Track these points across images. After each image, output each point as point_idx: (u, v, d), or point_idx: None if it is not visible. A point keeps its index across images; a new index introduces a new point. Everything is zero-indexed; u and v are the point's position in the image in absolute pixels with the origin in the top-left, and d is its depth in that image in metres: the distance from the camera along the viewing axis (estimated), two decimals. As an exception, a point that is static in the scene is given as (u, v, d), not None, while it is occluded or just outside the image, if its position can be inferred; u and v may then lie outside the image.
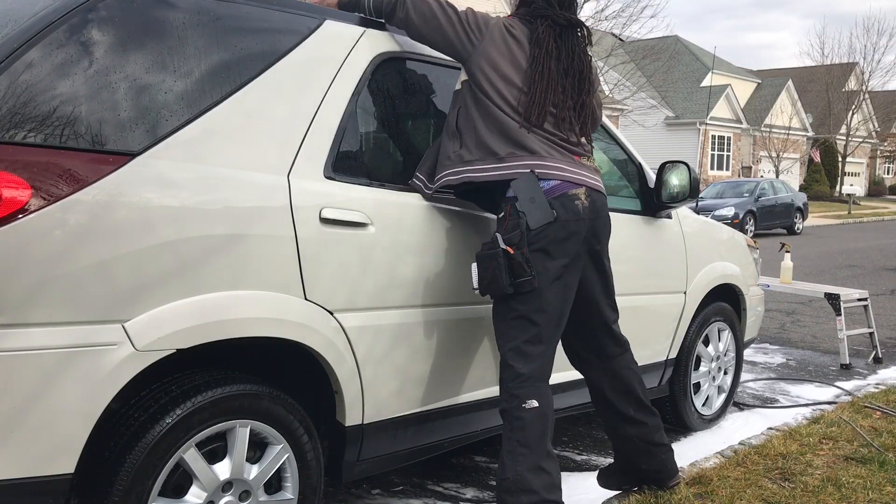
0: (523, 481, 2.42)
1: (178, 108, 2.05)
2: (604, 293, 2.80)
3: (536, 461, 2.44)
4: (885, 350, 6.22)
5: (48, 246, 1.76)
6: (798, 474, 3.18)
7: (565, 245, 2.56)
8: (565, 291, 2.60)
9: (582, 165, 2.64)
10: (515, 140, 2.55)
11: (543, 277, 2.52)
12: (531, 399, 2.48)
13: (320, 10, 2.50)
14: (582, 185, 2.59)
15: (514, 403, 2.49)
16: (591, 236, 2.64)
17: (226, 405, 2.06)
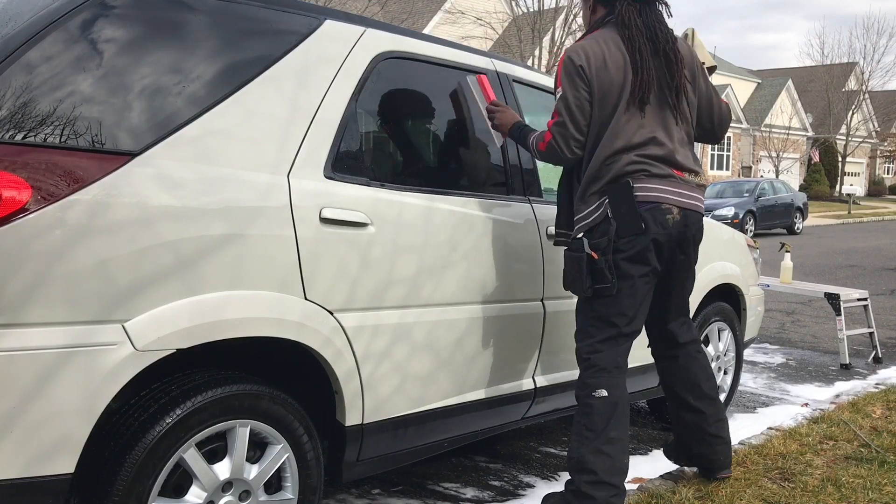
0: (585, 462, 2.60)
1: (178, 107, 2.04)
2: (679, 295, 2.95)
3: (598, 446, 2.60)
4: (885, 350, 6.22)
5: (48, 246, 1.75)
6: (798, 474, 3.18)
7: (650, 255, 2.67)
8: (644, 297, 2.73)
9: (682, 183, 2.73)
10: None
11: (624, 284, 2.65)
12: (601, 389, 2.66)
13: (320, 9, 2.50)
14: (675, 205, 2.69)
15: (585, 391, 2.69)
16: (677, 248, 2.75)
17: (226, 405, 2.06)
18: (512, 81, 3.10)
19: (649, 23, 2.73)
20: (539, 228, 2.96)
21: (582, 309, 2.76)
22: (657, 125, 2.70)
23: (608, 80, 2.66)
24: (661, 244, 2.67)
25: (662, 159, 2.69)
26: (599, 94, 2.66)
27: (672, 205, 2.67)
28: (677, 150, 2.73)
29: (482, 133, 2.94)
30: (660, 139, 2.69)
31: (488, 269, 2.75)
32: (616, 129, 2.66)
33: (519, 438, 3.83)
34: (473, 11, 20.10)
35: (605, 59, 2.66)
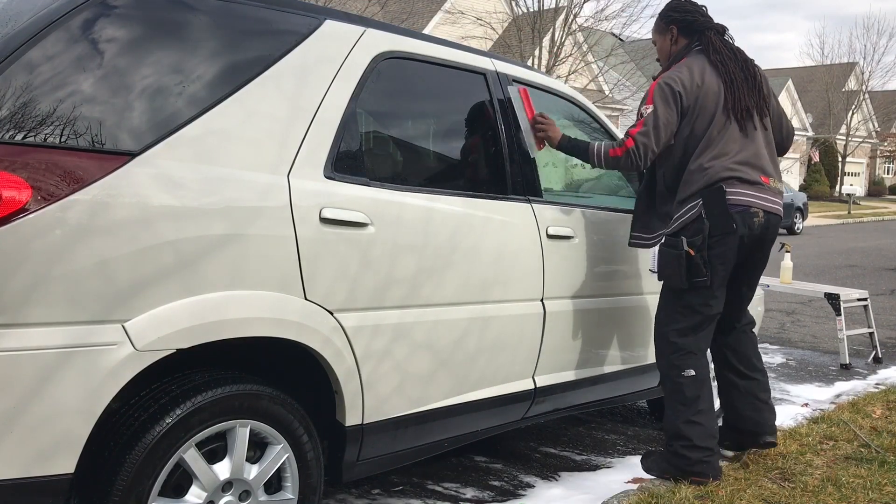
0: (680, 431, 3.07)
1: (178, 107, 2.04)
2: (749, 287, 3.30)
3: (690, 416, 3.05)
4: (885, 350, 6.22)
5: (48, 246, 1.75)
6: (798, 474, 3.18)
7: (738, 252, 3.04)
8: (726, 287, 3.11)
9: (767, 189, 3.09)
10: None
11: (714, 278, 3.02)
12: (689, 369, 3.08)
13: (320, 9, 2.50)
14: (761, 209, 3.05)
15: (674, 371, 3.11)
16: (757, 246, 3.12)
17: (226, 405, 2.06)
18: (512, 81, 3.10)
19: (732, 47, 3.18)
20: (539, 228, 2.96)
21: (670, 298, 3.13)
22: (746, 138, 3.09)
23: (703, 101, 3.06)
24: (745, 242, 3.05)
25: (751, 167, 3.06)
26: (693, 115, 3.07)
27: (759, 208, 3.04)
28: (763, 159, 3.11)
29: (482, 133, 2.94)
30: (749, 150, 3.07)
31: (488, 269, 2.75)
32: (709, 141, 3.05)
33: (519, 438, 3.83)
34: (473, 11, 20.08)
35: (700, 84, 3.07)
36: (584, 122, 3.61)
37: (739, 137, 3.07)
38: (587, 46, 19.82)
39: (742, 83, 3.09)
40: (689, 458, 3.03)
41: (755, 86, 3.13)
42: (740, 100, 3.07)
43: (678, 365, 3.09)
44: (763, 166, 3.09)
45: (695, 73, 3.08)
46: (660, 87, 3.07)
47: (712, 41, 3.14)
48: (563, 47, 17.91)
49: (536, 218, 2.97)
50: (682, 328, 3.09)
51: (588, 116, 3.55)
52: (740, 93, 3.08)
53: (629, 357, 3.50)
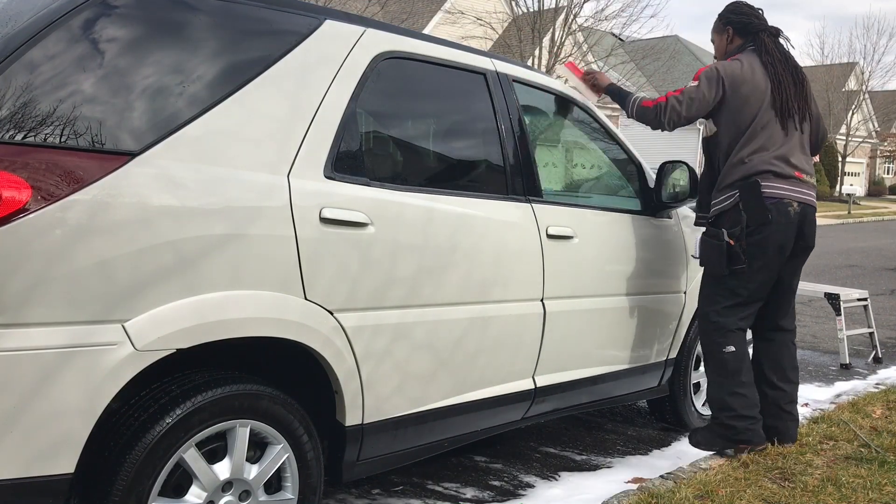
0: (724, 402, 3.35)
1: (178, 107, 2.04)
2: (791, 273, 3.46)
3: (732, 388, 3.34)
4: (885, 350, 6.22)
5: (48, 246, 1.75)
6: (798, 474, 3.18)
7: (775, 240, 3.25)
8: (768, 274, 3.33)
9: (801, 182, 3.31)
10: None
11: (753, 263, 3.26)
12: (729, 345, 3.34)
13: (320, 9, 2.50)
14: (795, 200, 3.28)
15: (716, 348, 3.37)
16: (798, 236, 3.32)
17: (226, 405, 2.06)
18: (512, 81, 3.10)
19: (783, 51, 3.42)
20: (539, 228, 2.96)
21: (711, 282, 3.39)
22: (787, 136, 3.32)
23: (748, 95, 3.29)
24: (784, 232, 3.26)
25: (787, 163, 3.29)
26: (737, 106, 3.30)
27: (793, 200, 3.27)
28: (799, 157, 3.34)
29: (482, 133, 2.94)
30: (787, 147, 3.31)
31: (488, 269, 2.75)
32: (752, 135, 3.29)
33: (519, 438, 3.83)
34: (473, 11, 20.09)
35: (747, 79, 3.31)
36: (583, 122, 3.62)
37: (780, 135, 3.30)
38: (587, 46, 19.83)
39: (789, 85, 3.33)
40: (736, 428, 3.32)
41: (801, 89, 3.37)
42: (786, 100, 3.30)
43: (720, 342, 3.34)
44: (798, 163, 3.32)
45: (745, 67, 3.32)
46: (711, 69, 3.35)
47: (765, 43, 3.38)
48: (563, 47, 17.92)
49: (536, 218, 2.97)
50: (722, 308, 3.34)
51: (588, 116, 3.55)
52: (787, 94, 3.31)
53: (629, 357, 3.50)
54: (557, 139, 4.22)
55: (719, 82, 3.31)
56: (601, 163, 3.85)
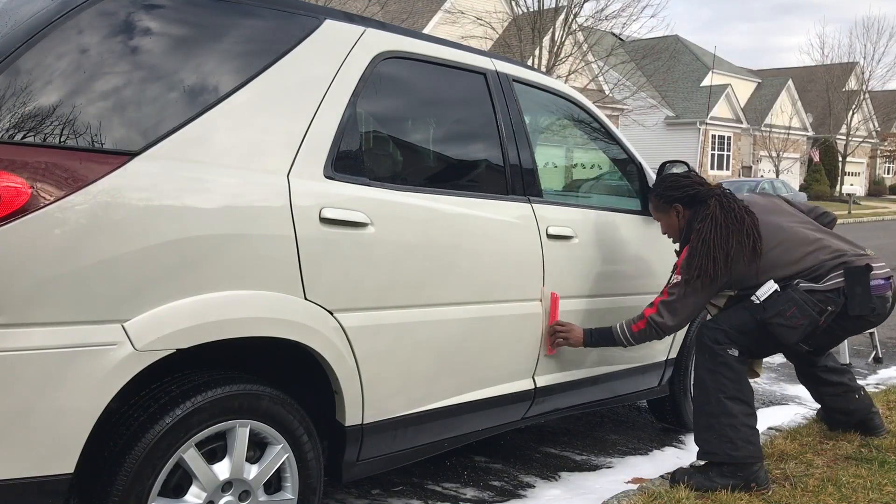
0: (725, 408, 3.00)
1: (178, 107, 2.04)
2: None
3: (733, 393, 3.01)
4: (885, 350, 6.22)
5: (48, 246, 1.75)
6: (798, 474, 3.17)
7: (853, 331, 3.18)
8: None
9: (881, 260, 3.19)
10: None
11: (809, 341, 3.05)
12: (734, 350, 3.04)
13: (320, 9, 2.50)
14: (892, 286, 3.09)
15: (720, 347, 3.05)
16: (879, 322, 3.18)
17: (225, 405, 2.06)
18: (512, 81, 3.10)
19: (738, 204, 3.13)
20: (539, 228, 2.96)
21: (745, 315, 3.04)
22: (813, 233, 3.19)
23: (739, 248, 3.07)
24: (870, 325, 3.23)
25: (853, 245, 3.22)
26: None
27: (888, 289, 3.08)
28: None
29: (482, 133, 2.94)
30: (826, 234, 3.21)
31: (488, 269, 2.75)
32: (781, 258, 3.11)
33: (519, 438, 3.83)
34: (473, 11, 20.08)
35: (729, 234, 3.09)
36: (584, 122, 3.61)
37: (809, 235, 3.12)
38: (587, 46, 19.81)
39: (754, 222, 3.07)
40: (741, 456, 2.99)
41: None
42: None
43: (724, 343, 3.03)
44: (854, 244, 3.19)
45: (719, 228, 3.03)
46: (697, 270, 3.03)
47: (722, 204, 3.07)
48: (563, 47, 17.90)
49: (536, 218, 2.96)
50: (743, 346, 3.05)
51: (588, 116, 3.55)
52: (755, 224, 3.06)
53: (629, 357, 3.50)
54: (557, 139, 4.22)
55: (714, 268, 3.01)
56: (601, 162, 3.85)
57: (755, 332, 3.03)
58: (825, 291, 2.96)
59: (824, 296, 2.95)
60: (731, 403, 2.99)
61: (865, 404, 3.64)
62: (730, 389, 3.00)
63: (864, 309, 2.98)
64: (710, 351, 3.05)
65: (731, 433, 2.97)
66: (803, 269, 3.03)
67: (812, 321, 2.92)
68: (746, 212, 3.08)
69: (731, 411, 2.98)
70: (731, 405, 2.99)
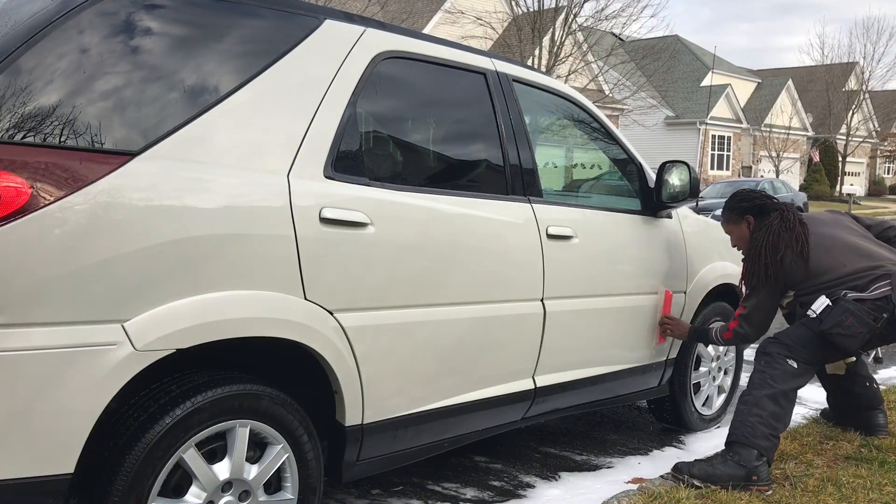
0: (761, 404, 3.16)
1: (178, 107, 2.04)
2: None
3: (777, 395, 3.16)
4: (886, 350, 6.22)
5: (48, 246, 1.75)
6: (798, 474, 3.18)
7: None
8: None
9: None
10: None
11: (867, 346, 3.31)
12: (794, 362, 3.22)
13: (320, 9, 2.50)
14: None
15: (780, 358, 3.22)
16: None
17: (225, 405, 2.06)
18: (512, 81, 3.10)
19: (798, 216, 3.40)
20: (539, 228, 2.96)
21: (811, 337, 3.22)
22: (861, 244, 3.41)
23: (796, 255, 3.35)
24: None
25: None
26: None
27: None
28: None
29: (482, 133, 2.94)
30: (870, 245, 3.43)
31: (488, 269, 2.75)
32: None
33: (519, 438, 3.83)
34: (473, 11, 20.09)
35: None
36: (584, 122, 3.61)
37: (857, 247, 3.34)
38: (587, 46, 19.83)
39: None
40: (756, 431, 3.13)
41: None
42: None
43: (784, 354, 3.23)
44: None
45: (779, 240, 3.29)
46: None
47: (782, 216, 3.35)
48: (563, 47, 17.92)
49: (536, 218, 2.96)
50: (805, 358, 3.23)
51: (588, 116, 3.55)
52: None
53: (629, 357, 3.50)
54: (557, 139, 4.22)
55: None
56: (601, 162, 3.85)
57: (815, 343, 3.22)
58: (874, 300, 3.14)
59: (874, 304, 3.13)
60: (767, 400, 3.14)
61: (872, 395, 3.77)
62: (770, 389, 3.16)
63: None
64: (769, 357, 3.26)
65: (754, 421, 3.11)
66: (846, 273, 3.22)
67: (870, 328, 3.10)
68: (800, 223, 3.36)
69: (764, 406, 3.13)
70: (766, 402, 3.14)
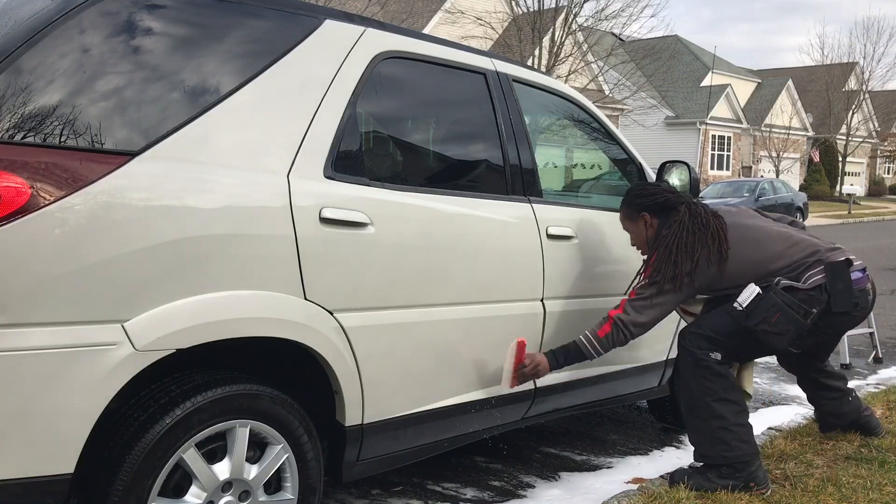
0: (713, 411, 2.97)
1: (178, 107, 2.04)
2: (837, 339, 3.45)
3: (721, 394, 2.98)
4: (885, 350, 6.22)
5: (48, 246, 1.75)
6: (798, 474, 3.17)
7: (840, 330, 3.21)
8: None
9: (851, 253, 3.10)
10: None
11: (799, 343, 3.03)
12: (717, 353, 3.00)
13: (320, 9, 2.50)
14: (869, 278, 3.11)
15: (701, 352, 3.00)
16: (863, 318, 3.16)
17: (225, 405, 2.06)
18: (512, 81, 3.10)
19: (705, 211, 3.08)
20: (539, 228, 2.96)
21: (731, 324, 2.95)
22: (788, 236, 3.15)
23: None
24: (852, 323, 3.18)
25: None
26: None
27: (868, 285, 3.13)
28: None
29: (482, 133, 2.94)
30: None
31: (488, 269, 2.75)
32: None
33: (519, 438, 3.83)
34: (473, 11, 20.09)
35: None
36: (584, 122, 3.61)
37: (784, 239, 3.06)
38: (587, 46, 19.82)
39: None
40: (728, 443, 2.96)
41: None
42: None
43: (706, 347, 2.98)
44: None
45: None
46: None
47: (691, 211, 3.03)
48: (563, 47, 17.91)
49: (536, 218, 2.96)
50: (728, 351, 3.00)
51: (588, 116, 3.55)
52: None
53: (629, 357, 3.50)
54: (557, 139, 4.22)
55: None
56: (601, 163, 3.85)
57: (740, 337, 2.96)
58: (808, 290, 2.91)
59: (808, 295, 2.90)
60: (718, 406, 2.96)
61: (856, 406, 3.64)
62: (716, 392, 2.96)
63: (848, 304, 2.94)
64: (693, 356, 3.00)
65: (723, 435, 2.95)
66: (782, 266, 2.97)
67: (798, 326, 2.87)
68: (714, 216, 3.02)
69: (721, 413, 2.95)
70: (719, 407, 2.95)
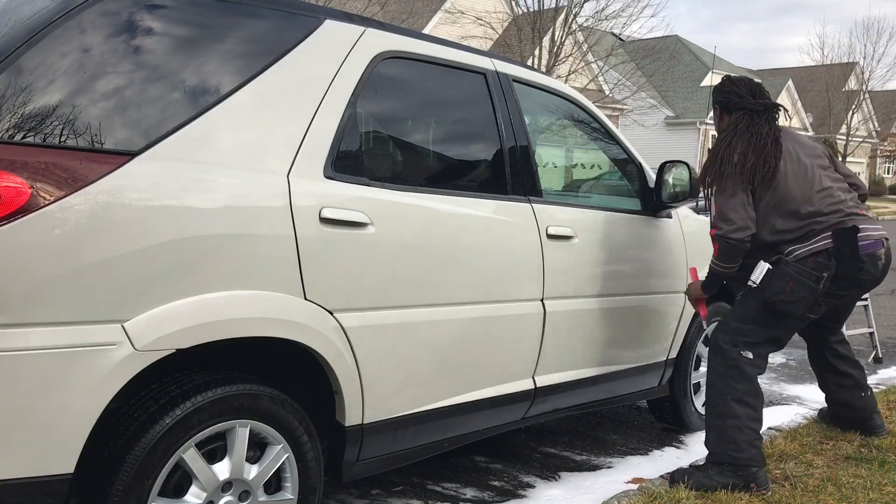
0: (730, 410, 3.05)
1: (178, 107, 2.04)
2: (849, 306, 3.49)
3: (740, 395, 3.05)
4: (885, 350, 6.22)
5: (48, 246, 1.75)
6: (798, 474, 3.17)
7: (854, 296, 3.25)
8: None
9: (876, 221, 3.15)
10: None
11: (816, 309, 3.09)
12: (748, 352, 3.09)
13: (320, 9, 2.50)
14: (884, 246, 3.11)
15: (734, 350, 3.09)
16: (874, 283, 3.17)
17: (225, 405, 2.06)
18: (512, 81, 3.10)
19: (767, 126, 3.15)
20: (539, 228, 2.96)
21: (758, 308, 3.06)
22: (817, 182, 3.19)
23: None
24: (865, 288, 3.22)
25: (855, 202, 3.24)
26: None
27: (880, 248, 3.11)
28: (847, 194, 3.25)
29: (482, 133, 2.94)
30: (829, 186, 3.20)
31: (488, 269, 2.75)
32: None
33: (519, 438, 3.83)
34: (473, 11, 20.09)
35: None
36: (584, 122, 3.61)
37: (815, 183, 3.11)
38: (587, 46, 19.82)
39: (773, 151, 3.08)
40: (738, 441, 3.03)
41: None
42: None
43: (738, 345, 3.09)
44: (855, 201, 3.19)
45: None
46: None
47: (751, 120, 3.13)
48: (563, 47, 17.92)
49: (536, 218, 2.96)
50: (756, 340, 3.10)
51: (588, 116, 3.55)
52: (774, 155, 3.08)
53: (629, 357, 3.50)
54: (557, 139, 4.22)
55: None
56: (601, 162, 3.85)
57: (765, 316, 3.08)
58: (815, 254, 2.99)
59: (816, 262, 2.99)
60: (737, 406, 3.04)
61: (869, 405, 3.65)
62: (737, 392, 3.05)
63: (852, 270, 3.00)
64: (724, 354, 3.11)
65: (734, 434, 3.02)
66: (809, 212, 3.03)
67: (812, 291, 2.98)
68: (774, 138, 3.08)
69: (737, 413, 3.03)
70: (737, 407, 3.03)
